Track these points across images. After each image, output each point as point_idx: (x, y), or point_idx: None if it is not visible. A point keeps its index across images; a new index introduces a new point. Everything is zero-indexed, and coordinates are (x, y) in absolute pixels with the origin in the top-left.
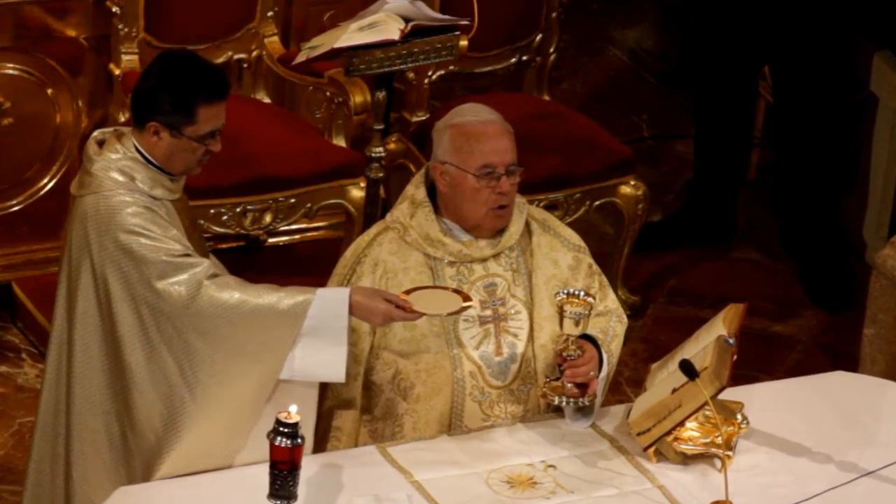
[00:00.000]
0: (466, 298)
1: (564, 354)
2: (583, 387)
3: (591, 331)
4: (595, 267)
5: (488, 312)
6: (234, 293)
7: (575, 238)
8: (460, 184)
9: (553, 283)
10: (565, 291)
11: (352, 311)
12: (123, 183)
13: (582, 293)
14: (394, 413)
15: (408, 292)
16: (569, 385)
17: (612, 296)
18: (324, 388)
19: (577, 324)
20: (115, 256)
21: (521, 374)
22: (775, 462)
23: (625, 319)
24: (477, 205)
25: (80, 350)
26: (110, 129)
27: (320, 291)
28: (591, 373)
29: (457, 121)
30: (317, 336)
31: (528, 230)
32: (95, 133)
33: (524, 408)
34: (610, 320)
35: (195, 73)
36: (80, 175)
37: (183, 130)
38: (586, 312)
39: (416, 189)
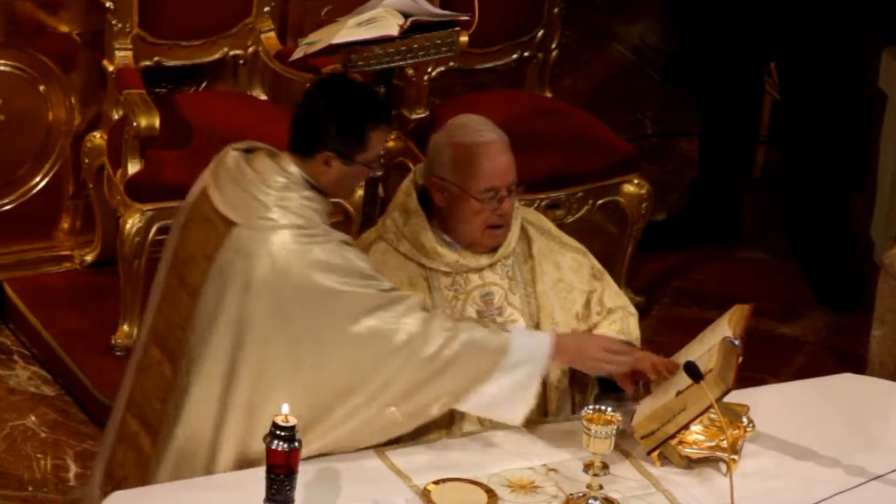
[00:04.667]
0: (492, 497)
1: (591, 473)
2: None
3: (609, 333)
4: (597, 268)
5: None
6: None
7: (566, 238)
8: (461, 203)
9: (560, 286)
10: (591, 408)
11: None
12: (310, 217)
13: (609, 410)
14: None
15: (436, 483)
16: None
17: (617, 292)
18: None
19: (603, 441)
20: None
21: None
22: (782, 466)
23: (634, 310)
24: (475, 225)
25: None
26: (244, 145)
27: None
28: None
29: (459, 139)
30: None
31: (525, 235)
32: (234, 152)
33: None
34: (625, 319)
35: (362, 100)
36: (238, 197)
37: (356, 158)
38: (613, 431)
39: (407, 197)
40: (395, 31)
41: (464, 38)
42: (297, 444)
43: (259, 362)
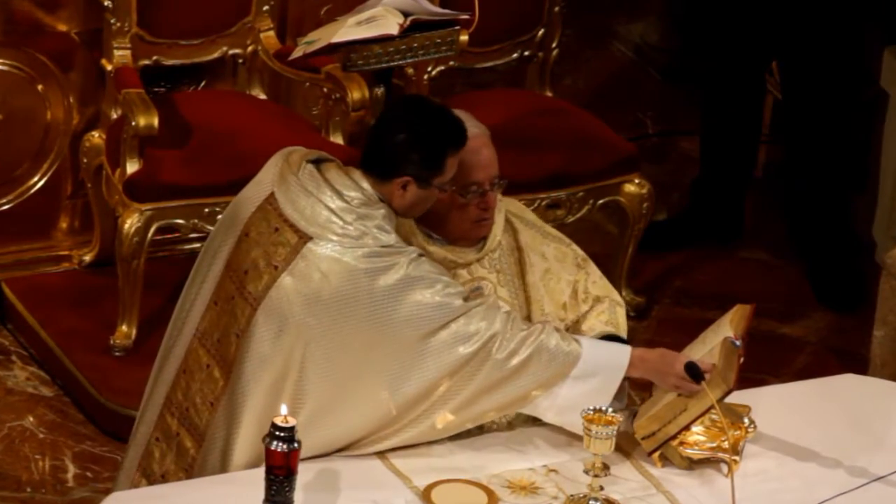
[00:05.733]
0: (492, 498)
1: (592, 474)
2: None
3: (598, 324)
4: (581, 256)
5: None
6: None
7: (548, 228)
8: (445, 200)
9: (548, 276)
10: (591, 409)
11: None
12: (387, 233)
13: (610, 410)
14: None
15: (431, 486)
16: None
17: (602, 278)
18: None
19: (603, 442)
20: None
21: None
22: (783, 467)
23: (619, 299)
24: (462, 220)
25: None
26: (314, 154)
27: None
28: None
29: None
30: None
31: (510, 227)
32: (308, 164)
33: None
34: (613, 309)
35: (442, 125)
36: (314, 210)
37: (432, 182)
38: (613, 432)
39: None
40: (394, 30)
41: (464, 38)
42: (296, 444)
43: (326, 373)
